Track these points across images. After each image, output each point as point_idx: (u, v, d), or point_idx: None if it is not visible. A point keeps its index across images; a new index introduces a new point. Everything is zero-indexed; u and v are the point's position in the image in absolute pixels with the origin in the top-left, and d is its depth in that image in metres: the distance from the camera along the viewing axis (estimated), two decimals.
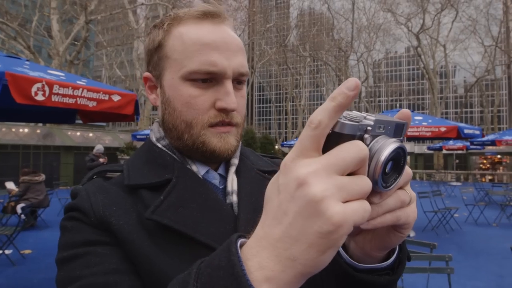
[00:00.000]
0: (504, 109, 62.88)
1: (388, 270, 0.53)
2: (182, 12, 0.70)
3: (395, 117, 0.44)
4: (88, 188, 0.65)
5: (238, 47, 0.69)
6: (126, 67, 37.71)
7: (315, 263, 0.35)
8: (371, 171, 0.39)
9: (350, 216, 0.34)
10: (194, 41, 0.66)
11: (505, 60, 35.83)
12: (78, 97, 3.06)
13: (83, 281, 0.54)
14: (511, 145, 12.61)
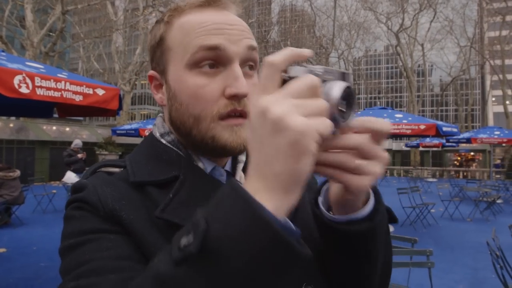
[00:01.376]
0: (477, 108, 65.18)
1: (367, 219, 0.56)
2: (183, 2, 0.67)
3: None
4: (93, 181, 0.62)
5: (243, 28, 0.65)
6: (104, 60, 36.78)
7: (294, 172, 0.40)
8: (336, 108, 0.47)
9: (312, 125, 0.40)
10: (194, 26, 0.63)
11: (479, 61, 37.09)
12: (63, 91, 2.94)
13: (92, 264, 0.51)
14: (486, 143, 13.13)
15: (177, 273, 0.41)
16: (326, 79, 0.47)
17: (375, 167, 0.49)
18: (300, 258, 0.42)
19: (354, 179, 0.49)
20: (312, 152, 0.40)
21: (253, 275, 0.40)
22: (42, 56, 19.63)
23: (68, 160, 9.49)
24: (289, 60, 0.46)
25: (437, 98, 70.70)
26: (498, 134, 13.14)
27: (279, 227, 0.40)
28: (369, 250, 0.60)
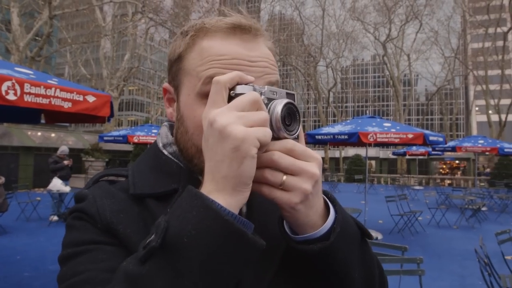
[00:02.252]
0: (461, 117, 66.61)
1: (322, 239, 0.56)
2: (209, 23, 0.64)
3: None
4: (94, 192, 0.63)
5: (266, 65, 0.63)
6: (91, 66, 36.39)
7: (239, 173, 0.47)
8: (273, 122, 0.53)
9: (252, 132, 0.47)
10: (213, 56, 0.61)
11: (463, 71, 38.03)
12: (52, 97, 2.88)
13: (86, 274, 0.53)
14: (471, 151, 13.41)
15: (143, 270, 0.46)
16: (272, 98, 0.55)
17: (301, 183, 0.51)
18: (254, 248, 0.47)
19: (281, 196, 0.52)
20: (252, 156, 0.47)
21: (211, 264, 0.45)
22: (28, 60, 19.29)
23: (54, 167, 9.30)
24: (233, 80, 0.52)
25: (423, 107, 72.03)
26: (482, 142, 13.45)
27: (230, 218, 0.45)
28: (336, 270, 0.59)
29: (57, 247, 3.15)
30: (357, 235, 0.63)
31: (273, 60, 0.66)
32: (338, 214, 0.58)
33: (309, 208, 0.54)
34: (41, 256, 5.97)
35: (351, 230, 0.61)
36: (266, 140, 0.49)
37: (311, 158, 0.53)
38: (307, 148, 0.54)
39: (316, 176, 0.53)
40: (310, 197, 0.53)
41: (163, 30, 36.19)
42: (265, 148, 0.51)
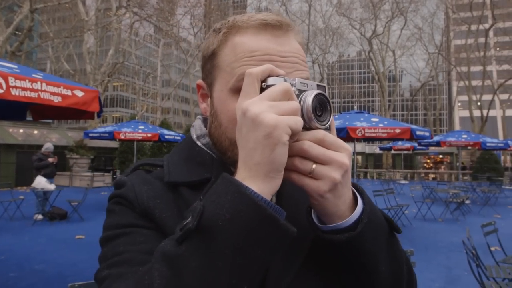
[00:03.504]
0: (444, 113, 67.97)
1: (348, 229, 0.57)
2: (240, 20, 0.66)
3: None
4: (132, 179, 0.67)
5: (297, 60, 0.65)
6: (75, 61, 35.58)
7: (271, 159, 0.48)
8: (304, 112, 0.55)
9: (284, 120, 0.48)
10: (245, 52, 0.63)
11: (446, 67, 38.75)
12: (40, 91, 2.79)
13: (124, 255, 0.57)
14: (455, 145, 13.70)
15: (180, 250, 0.48)
16: (302, 89, 0.57)
17: (331, 172, 0.53)
18: (286, 234, 0.49)
19: (310, 183, 0.53)
20: (283, 142, 0.48)
21: (243, 248, 0.47)
22: (8, 55, 18.77)
23: (38, 165, 9.08)
24: (264, 72, 0.55)
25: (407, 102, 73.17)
26: (465, 137, 13.77)
27: (263, 203, 0.47)
28: (362, 262, 0.59)
29: (43, 246, 3.12)
30: (385, 227, 0.63)
31: (303, 56, 0.68)
32: (365, 205, 0.59)
33: (337, 198, 0.55)
34: (26, 255, 5.83)
35: (378, 221, 0.61)
36: (297, 128, 0.50)
37: (341, 149, 0.55)
38: (338, 139, 0.56)
39: (346, 166, 0.54)
40: (339, 186, 0.54)
41: (148, 25, 35.66)
42: (297, 137, 0.52)
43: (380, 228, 0.61)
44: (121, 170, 18.62)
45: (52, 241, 6.80)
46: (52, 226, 8.18)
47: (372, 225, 0.59)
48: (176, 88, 37.32)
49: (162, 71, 37.34)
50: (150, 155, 20.14)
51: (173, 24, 31.91)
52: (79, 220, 8.62)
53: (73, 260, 5.65)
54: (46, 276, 4.93)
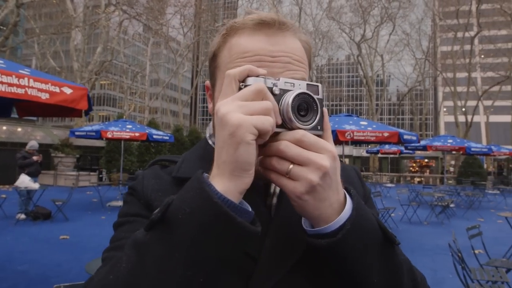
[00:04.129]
0: (430, 117, 69.18)
1: (329, 235, 0.56)
2: (238, 21, 0.67)
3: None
4: (146, 173, 0.73)
5: (288, 60, 0.64)
6: (61, 58, 34.94)
7: (235, 158, 0.49)
8: (284, 112, 0.54)
9: (248, 119, 0.49)
10: (238, 53, 0.65)
11: (432, 73, 39.45)
12: (27, 88, 2.71)
13: (122, 241, 0.61)
14: (441, 150, 13.96)
15: (146, 238, 0.52)
16: (287, 89, 0.56)
17: (307, 173, 0.52)
18: (244, 232, 0.50)
19: (287, 184, 0.53)
20: (247, 142, 0.49)
21: (199, 242, 0.49)
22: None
23: (22, 163, 8.87)
24: (242, 73, 0.55)
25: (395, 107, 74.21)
26: (451, 142, 14.05)
27: (219, 201, 0.49)
28: (349, 270, 0.57)
29: (26, 246, 3.05)
30: (378, 237, 0.59)
31: (300, 55, 0.67)
32: (354, 211, 0.56)
33: (319, 201, 0.54)
34: (8, 256, 5.68)
35: (368, 230, 0.58)
36: (265, 127, 0.50)
37: (322, 150, 0.53)
38: (320, 140, 0.54)
39: (324, 168, 0.52)
40: (319, 189, 0.53)
41: (137, 23, 35.30)
42: (266, 136, 0.52)
43: (369, 237, 0.58)
44: (107, 169, 18.35)
45: (36, 241, 6.65)
46: (35, 226, 8.00)
47: (358, 233, 0.56)
48: (165, 88, 37.01)
49: (150, 70, 37.00)
50: (137, 155, 19.92)
51: (162, 23, 31.67)
52: (63, 220, 8.45)
53: (57, 260, 5.53)
54: (29, 277, 4.81)
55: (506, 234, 7.46)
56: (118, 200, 11.24)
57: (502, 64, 34.49)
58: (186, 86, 73.11)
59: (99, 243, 6.62)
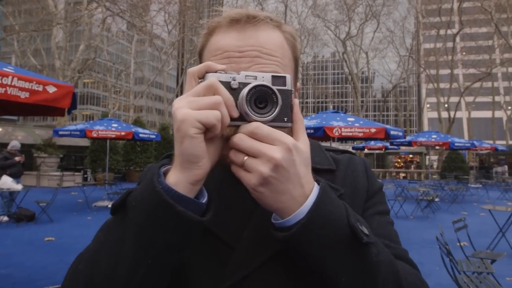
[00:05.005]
0: (414, 114, 70.39)
1: (285, 229, 0.56)
2: (215, 20, 0.69)
3: None
4: (154, 165, 0.71)
5: (257, 54, 0.64)
6: (42, 56, 34.09)
7: (181, 151, 0.53)
8: (240, 105, 0.55)
9: (192, 114, 0.52)
10: (211, 53, 0.67)
11: (416, 70, 40.12)
12: (8, 86, 2.61)
13: None
14: (425, 145, 14.21)
15: (110, 221, 0.60)
16: (247, 82, 0.57)
17: (258, 165, 0.52)
18: (186, 221, 0.53)
19: (243, 176, 0.54)
20: (190, 135, 0.52)
21: (144, 227, 0.54)
22: None
23: (4, 164, 8.63)
24: (201, 70, 0.58)
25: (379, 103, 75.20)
26: (435, 137, 14.32)
27: (161, 190, 0.53)
28: (312, 267, 0.56)
29: (9, 249, 2.98)
30: (343, 234, 0.55)
31: (272, 48, 0.66)
32: (313, 205, 0.54)
33: (277, 194, 0.54)
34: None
35: (331, 226, 0.55)
36: (209, 121, 0.52)
37: (276, 142, 0.53)
38: (274, 132, 0.54)
39: (275, 160, 0.52)
40: (273, 181, 0.53)
41: (120, 20, 34.69)
42: (215, 129, 0.53)
43: (331, 233, 0.55)
44: (92, 169, 18.04)
45: (19, 244, 6.48)
46: (19, 228, 7.80)
47: (317, 228, 0.54)
48: (150, 86, 36.55)
49: (135, 68, 36.48)
50: (123, 154, 19.64)
51: (147, 20, 31.23)
52: (48, 222, 8.27)
53: (43, 263, 5.41)
54: (13, 280, 4.69)
55: (489, 227, 7.66)
56: (104, 200, 11.07)
57: (483, 61, 35.32)
58: (171, 84, 72.41)
59: (85, 244, 6.42)
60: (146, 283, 0.56)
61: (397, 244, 0.72)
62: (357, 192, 0.73)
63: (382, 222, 0.74)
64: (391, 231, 0.74)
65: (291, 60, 0.70)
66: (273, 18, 0.68)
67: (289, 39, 0.70)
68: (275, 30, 0.68)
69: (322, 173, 0.71)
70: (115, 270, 0.55)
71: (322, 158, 0.77)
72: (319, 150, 0.80)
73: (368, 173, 0.78)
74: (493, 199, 14.71)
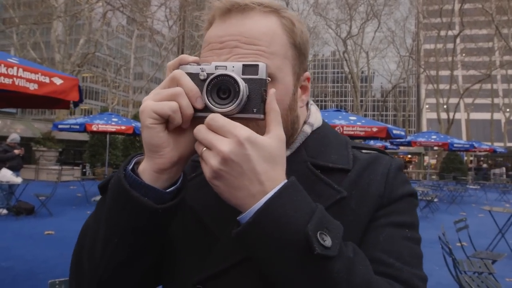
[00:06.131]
0: (413, 114, 70.52)
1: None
2: (211, 13, 0.67)
3: None
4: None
5: (236, 44, 0.61)
6: (42, 49, 33.90)
7: (143, 141, 0.57)
8: (203, 97, 0.56)
9: (148, 105, 0.55)
10: (203, 45, 0.67)
11: (416, 70, 40.16)
12: (15, 77, 2.59)
13: None
14: (425, 145, 14.24)
15: (99, 199, 0.66)
16: (215, 73, 0.57)
17: (210, 157, 0.52)
18: (141, 206, 0.56)
19: (203, 167, 0.55)
20: (146, 126, 0.55)
21: (112, 209, 0.59)
22: None
23: (3, 157, 8.60)
24: (175, 63, 0.60)
25: (379, 103, 75.29)
26: (435, 138, 14.36)
27: (122, 177, 0.57)
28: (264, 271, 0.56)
29: (9, 242, 2.97)
30: (295, 241, 0.51)
31: (252, 37, 0.62)
32: (263, 205, 0.51)
33: (233, 189, 0.52)
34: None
35: (282, 230, 0.51)
36: (163, 112, 0.54)
37: (228, 134, 0.51)
38: (228, 124, 0.52)
39: (222, 153, 0.51)
40: (225, 175, 0.52)
41: (121, 15, 34.52)
42: (174, 120, 0.55)
43: (281, 238, 0.51)
44: (91, 163, 17.99)
45: (19, 237, 6.47)
46: (18, 221, 7.78)
47: (266, 230, 0.51)
48: (149, 81, 36.44)
49: (135, 63, 36.34)
50: (122, 149, 19.59)
51: (147, 15, 31.09)
52: (47, 215, 8.25)
53: (43, 256, 5.40)
54: (14, 273, 4.68)
55: (487, 228, 7.68)
56: None
57: (483, 63, 35.38)
58: None
59: None
60: (115, 260, 0.60)
61: (407, 265, 0.60)
62: (368, 198, 0.65)
63: (393, 235, 0.63)
64: (403, 247, 0.62)
65: (286, 46, 0.65)
66: (266, 4, 0.64)
67: (286, 25, 0.65)
68: (268, 16, 0.64)
69: (335, 173, 0.67)
70: (94, 246, 0.61)
71: (340, 156, 0.71)
72: (341, 147, 0.73)
73: (390, 178, 0.68)
74: (491, 200, 14.78)
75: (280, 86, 0.64)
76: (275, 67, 0.62)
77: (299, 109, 0.70)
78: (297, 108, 0.69)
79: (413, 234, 0.66)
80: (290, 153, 0.70)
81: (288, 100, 0.66)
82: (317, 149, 0.72)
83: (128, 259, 0.61)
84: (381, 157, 0.72)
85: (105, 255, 0.60)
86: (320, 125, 0.76)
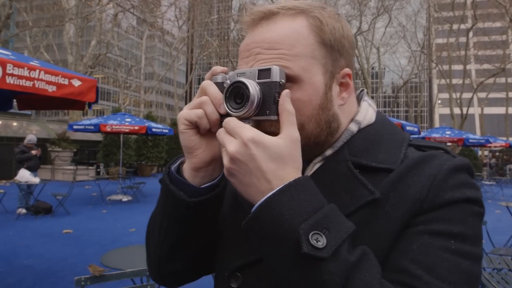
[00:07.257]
0: (425, 110, 69.57)
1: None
2: (245, 22, 0.69)
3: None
4: None
5: (259, 51, 0.63)
6: (54, 51, 34.44)
7: (182, 144, 0.66)
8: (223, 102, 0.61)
9: (181, 114, 0.64)
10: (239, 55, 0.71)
11: (427, 65, 39.56)
12: (36, 80, 2.66)
13: None
14: (439, 141, 14.03)
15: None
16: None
17: (224, 156, 0.57)
18: (174, 198, 0.66)
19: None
20: (181, 131, 0.64)
21: (161, 200, 0.70)
22: None
23: (21, 157, 8.79)
24: (209, 75, 0.67)
25: (390, 99, 74.47)
26: (449, 133, 14.13)
27: (166, 174, 0.69)
28: (266, 265, 0.59)
29: (29, 241, 3.04)
30: (288, 239, 0.52)
31: (273, 41, 0.63)
32: (263, 201, 0.54)
33: (244, 186, 0.56)
34: (12, 250, 5.65)
35: (278, 227, 0.53)
36: (191, 118, 0.63)
37: (236, 135, 0.56)
38: (237, 126, 0.56)
39: (229, 152, 0.55)
40: (235, 173, 0.56)
41: (131, 16, 34.81)
42: (202, 125, 0.64)
43: (277, 235, 0.53)
44: (105, 163, 18.24)
45: (39, 236, 6.62)
46: (36, 220, 7.96)
47: (264, 225, 0.54)
48: (160, 81, 36.71)
49: (145, 63, 36.64)
50: (135, 149, 19.81)
51: (157, 15, 31.30)
52: (65, 214, 8.41)
53: (62, 254, 5.51)
54: (35, 271, 4.80)
55: (504, 224, 7.57)
56: (118, 194, 11.21)
57: (496, 57, 34.65)
58: (181, 79, 72.63)
59: (102, 237, 6.61)
60: (167, 243, 0.70)
61: (440, 281, 0.52)
62: (404, 202, 0.59)
63: (429, 245, 0.55)
64: (441, 260, 0.54)
65: (313, 46, 0.63)
66: (290, 6, 0.65)
67: (313, 24, 0.64)
68: (295, 18, 0.64)
69: (379, 173, 0.64)
70: (153, 230, 0.73)
71: (389, 155, 0.66)
72: (394, 145, 0.68)
73: (437, 180, 0.59)
74: (508, 196, 14.51)
75: (307, 86, 0.63)
76: (299, 68, 0.62)
77: (338, 107, 0.68)
78: (333, 106, 0.66)
79: (461, 247, 0.55)
80: (332, 152, 0.68)
81: (318, 100, 0.64)
82: (363, 147, 0.68)
83: (178, 243, 0.71)
84: (436, 157, 0.63)
85: (160, 238, 0.71)
86: (371, 122, 0.71)
